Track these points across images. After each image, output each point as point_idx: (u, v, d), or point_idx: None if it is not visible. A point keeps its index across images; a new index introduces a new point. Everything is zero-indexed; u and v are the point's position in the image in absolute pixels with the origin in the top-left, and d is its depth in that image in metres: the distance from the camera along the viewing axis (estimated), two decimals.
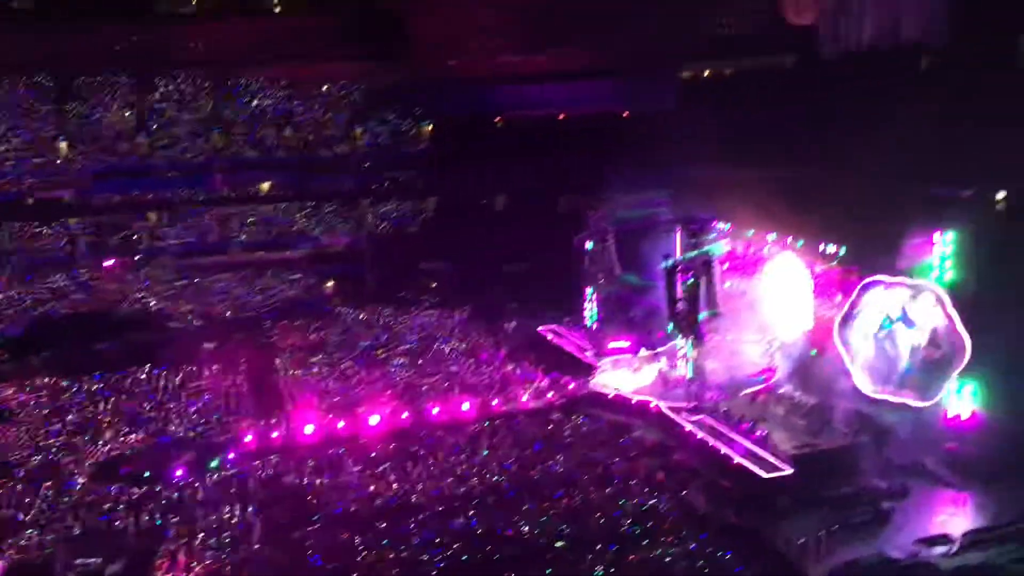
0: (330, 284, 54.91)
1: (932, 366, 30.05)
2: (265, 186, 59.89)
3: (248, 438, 33.66)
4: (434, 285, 53.34)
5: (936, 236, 30.04)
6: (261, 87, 60.87)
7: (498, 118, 59.67)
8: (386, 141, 61.69)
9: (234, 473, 31.10)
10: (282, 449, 33.12)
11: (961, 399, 29.17)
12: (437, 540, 26.18)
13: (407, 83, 61.33)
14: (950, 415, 29.45)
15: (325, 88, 62.30)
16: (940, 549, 24.10)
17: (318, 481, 30.48)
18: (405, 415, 35.55)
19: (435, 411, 35.86)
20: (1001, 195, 33.59)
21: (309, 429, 34.24)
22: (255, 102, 60.98)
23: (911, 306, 30.84)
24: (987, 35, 33.13)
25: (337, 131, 61.79)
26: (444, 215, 57.07)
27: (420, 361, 42.35)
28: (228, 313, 50.69)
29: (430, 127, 61.73)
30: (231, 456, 32.38)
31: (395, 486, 29.94)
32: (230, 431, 34.70)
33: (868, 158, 34.84)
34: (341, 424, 34.69)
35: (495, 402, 36.86)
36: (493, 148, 54.86)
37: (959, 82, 32.64)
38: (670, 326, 37.77)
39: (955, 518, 26.42)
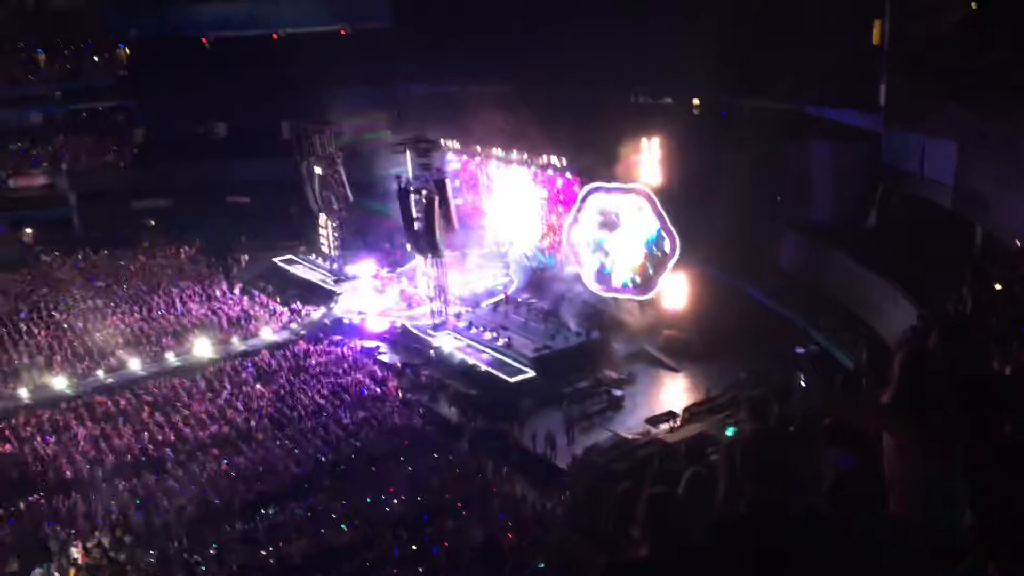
0: (29, 231, 49.08)
1: (650, 262, 32.78)
2: None
3: None
4: (152, 223, 49.36)
5: (644, 142, 32.37)
6: None
7: (204, 39, 55.30)
8: (78, 68, 55.36)
9: None
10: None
11: (675, 290, 32.19)
12: (185, 489, 25.08)
13: (96, 1, 55.04)
14: (666, 305, 32.44)
15: None
16: (665, 425, 26.83)
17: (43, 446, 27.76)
18: (137, 365, 33.09)
19: (170, 355, 33.74)
20: (696, 102, 36.80)
21: (24, 392, 30.93)
22: None
23: (628, 208, 33.20)
24: None
25: (16, 58, 54.49)
26: (156, 147, 52.47)
27: (146, 305, 39.27)
28: None
29: (127, 51, 56.06)
30: None
31: (130, 440, 27.97)
32: None
33: (580, 71, 36.55)
34: (62, 383, 31.63)
35: (235, 339, 35.33)
36: (203, 73, 50.88)
37: None
38: (408, 246, 38.08)
39: (676, 396, 29.49)
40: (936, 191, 24.27)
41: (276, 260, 44.29)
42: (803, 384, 20.65)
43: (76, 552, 22.22)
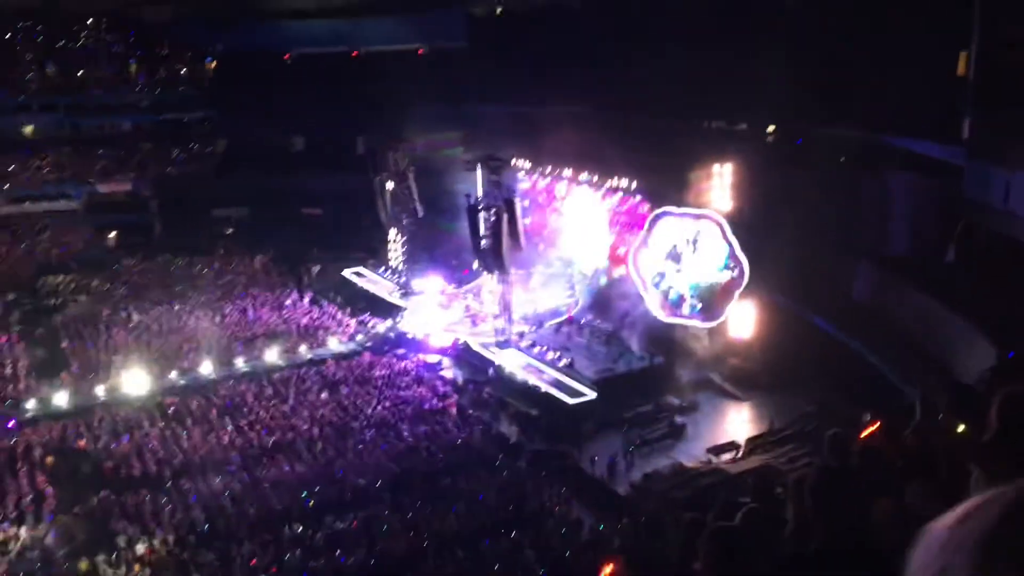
0: (112, 235, 50.95)
1: (716, 289, 32.38)
2: (28, 130, 54.37)
3: (31, 403, 31.06)
4: (229, 231, 50.83)
5: (716, 167, 32.09)
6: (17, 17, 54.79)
7: (287, 55, 57.07)
8: (166, 79, 57.55)
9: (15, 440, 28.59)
10: (71, 413, 30.80)
11: (742, 318, 31.72)
12: (246, 493, 25.58)
13: (185, 16, 57.22)
14: (732, 333, 31.98)
15: (91, 21, 57.01)
16: (728, 455, 26.41)
17: (112, 445, 28.64)
18: (208, 369, 33.99)
19: (239, 362, 34.58)
20: (771, 128, 36.37)
21: (101, 390, 32.03)
22: (8, 35, 54.90)
23: (697, 234, 32.88)
24: None
25: (110, 69, 56.90)
26: (236, 158, 54.16)
27: (218, 311, 40.38)
28: None
29: (213, 64, 58.11)
30: (11, 425, 29.69)
31: (197, 442, 28.71)
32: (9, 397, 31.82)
33: (654, 95, 36.49)
34: (137, 384, 32.63)
35: (302, 348, 36.04)
36: (284, 87, 52.47)
37: (727, 20, 34.69)
38: (475, 263, 38.37)
39: (739, 426, 29.02)
40: (1020, 227, 23.49)
41: (345, 272, 45.13)
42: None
43: (142, 548, 22.87)
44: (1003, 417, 4.08)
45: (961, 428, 4.88)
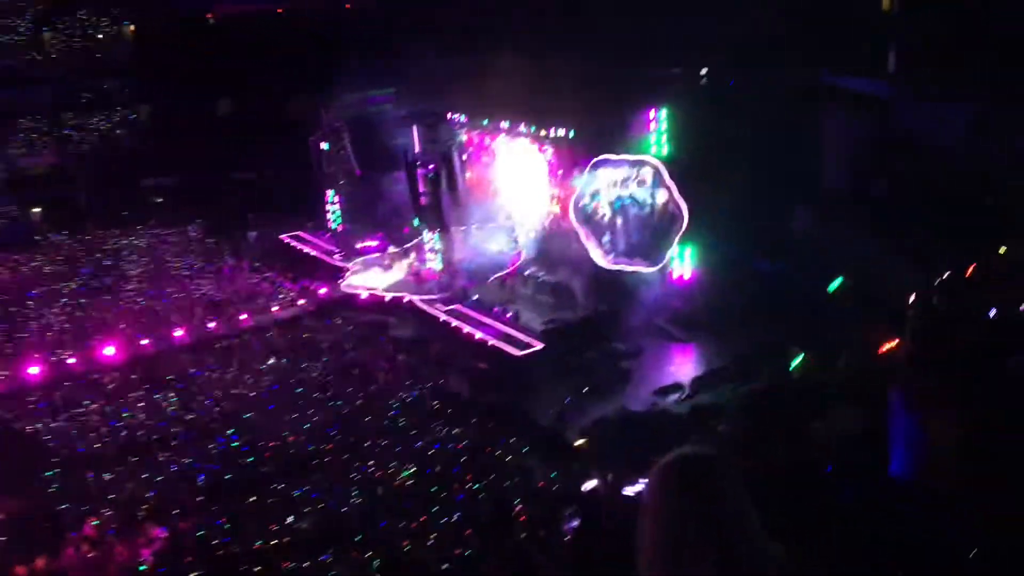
0: (37, 210, 49.12)
1: (657, 234, 32.58)
2: None
3: None
4: (160, 201, 49.40)
5: (652, 113, 32.07)
6: None
7: (209, 15, 55.15)
8: (83, 46, 55.21)
9: None
10: (8, 395, 29.91)
11: (682, 262, 32.03)
12: (196, 465, 25.15)
13: None
14: (674, 277, 32.29)
15: None
16: (674, 396, 26.79)
17: (52, 423, 27.92)
18: (145, 342, 33.22)
19: (178, 333, 33.83)
20: (704, 72, 36.33)
21: (35, 370, 31.10)
22: None
23: (635, 180, 32.96)
24: None
25: (23, 37, 54.35)
26: (162, 125, 52.43)
27: (154, 283, 39.38)
28: None
29: (132, 28, 55.90)
30: None
31: (141, 417, 28.18)
32: None
33: (587, 42, 36.14)
34: (72, 360, 31.76)
35: (243, 316, 35.40)
36: (208, 49, 50.72)
37: None
38: (416, 221, 37.96)
39: (684, 367, 29.41)
40: (948, 157, 24.03)
41: (283, 237, 44.24)
42: None
43: (89, 528, 22.40)
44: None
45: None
